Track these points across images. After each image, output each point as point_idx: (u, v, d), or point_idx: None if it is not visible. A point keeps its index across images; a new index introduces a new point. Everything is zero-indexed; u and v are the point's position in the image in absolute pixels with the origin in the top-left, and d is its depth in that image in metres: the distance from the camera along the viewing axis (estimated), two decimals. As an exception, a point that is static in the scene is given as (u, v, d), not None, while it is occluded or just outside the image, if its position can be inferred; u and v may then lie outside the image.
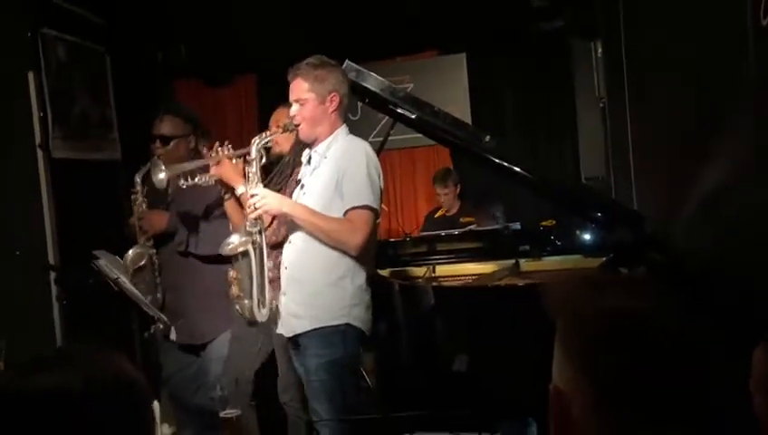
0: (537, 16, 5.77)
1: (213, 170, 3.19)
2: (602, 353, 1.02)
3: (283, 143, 3.49)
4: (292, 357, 3.10)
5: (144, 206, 3.75)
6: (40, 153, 4.56)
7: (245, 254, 2.97)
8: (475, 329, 3.39)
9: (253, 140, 3.04)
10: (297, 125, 3.01)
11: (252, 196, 2.93)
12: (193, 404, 3.81)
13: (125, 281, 3.35)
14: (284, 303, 3.04)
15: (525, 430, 3.06)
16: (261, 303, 3.02)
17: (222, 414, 2.61)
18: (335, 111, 3.01)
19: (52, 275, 4.25)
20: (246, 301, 3.01)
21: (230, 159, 3.15)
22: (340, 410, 2.91)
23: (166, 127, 3.74)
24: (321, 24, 5.78)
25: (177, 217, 3.68)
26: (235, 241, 2.98)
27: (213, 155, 3.20)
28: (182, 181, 3.31)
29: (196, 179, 3.24)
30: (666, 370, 1.00)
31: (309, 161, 3.10)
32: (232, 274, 3.03)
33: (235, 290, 3.02)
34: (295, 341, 3.03)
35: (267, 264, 3.05)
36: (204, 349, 3.76)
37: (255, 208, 2.92)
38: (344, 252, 2.91)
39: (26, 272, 4.03)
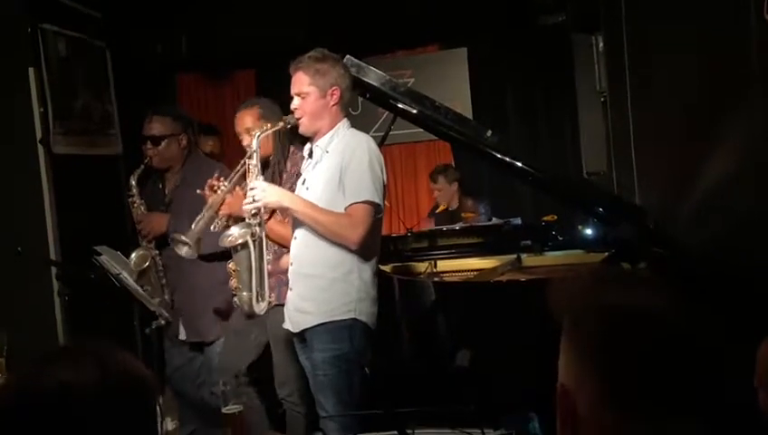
0: (538, 10, 5.76)
1: (221, 211, 3.24)
2: (608, 351, 1.02)
3: (263, 145, 3.44)
4: (298, 352, 3.10)
5: (142, 208, 3.75)
6: (41, 149, 4.55)
7: (245, 246, 2.98)
8: (476, 324, 3.39)
9: (253, 132, 3.05)
10: (298, 119, 3.00)
11: (251, 188, 2.94)
12: (196, 399, 3.82)
13: (126, 277, 3.35)
14: (291, 298, 3.04)
15: (528, 425, 3.06)
16: (260, 295, 3.02)
17: (224, 410, 2.62)
18: (336, 104, 3.00)
19: (54, 270, 4.24)
20: (245, 293, 3.01)
21: (230, 193, 3.21)
22: (347, 404, 2.91)
23: (155, 128, 3.76)
24: (321, 19, 5.77)
25: (175, 216, 3.68)
26: (234, 233, 2.99)
27: (214, 196, 3.26)
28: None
29: (212, 228, 3.27)
30: (672, 366, 0.99)
31: (310, 155, 3.09)
32: (231, 266, 3.04)
33: (234, 282, 3.03)
34: (301, 336, 3.03)
35: (267, 257, 3.06)
36: (210, 344, 3.77)
37: (254, 201, 2.92)
38: (348, 247, 2.91)
39: (28, 268, 4.02)
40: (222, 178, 3.29)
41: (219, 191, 3.25)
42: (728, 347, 1.05)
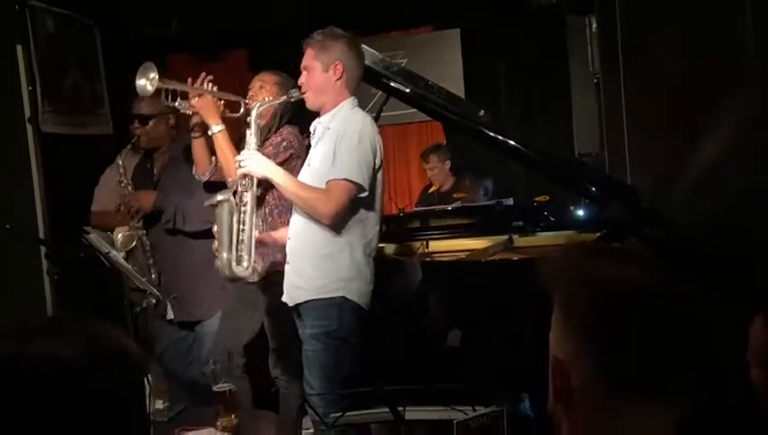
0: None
1: (194, 102, 3.27)
2: (600, 323, 1.02)
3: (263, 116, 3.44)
4: (297, 326, 3.10)
5: (129, 188, 3.72)
6: (29, 127, 4.51)
7: (223, 203, 3.00)
8: (468, 304, 3.39)
9: (254, 103, 3.10)
10: (304, 93, 3.03)
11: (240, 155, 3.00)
12: (186, 378, 3.81)
13: (116, 255, 3.33)
14: (287, 272, 3.06)
15: (519, 405, 3.07)
16: (241, 259, 3.02)
17: (215, 388, 2.62)
18: (339, 80, 3.00)
19: (43, 249, 4.22)
20: (225, 254, 3.01)
21: (213, 96, 3.25)
22: (332, 381, 2.92)
23: (144, 106, 3.74)
24: (313, -1, 5.71)
25: (163, 194, 3.67)
26: (219, 196, 3.02)
27: (197, 86, 3.28)
28: (162, 99, 3.32)
29: (176, 103, 3.26)
30: (663, 338, 0.99)
31: (315, 132, 3.10)
32: (215, 228, 3.04)
33: (215, 244, 3.03)
34: (297, 310, 3.04)
35: (256, 221, 3.07)
36: (199, 323, 3.76)
37: (240, 166, 2.98)
38: (343, 225, 2.91)
39: (17, 246, 4.00)
40: (212, 83, 3.30)
41: (206, 87, 3.28)
42: (722, 322, 1.05)
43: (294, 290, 3.02)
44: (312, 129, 3.13)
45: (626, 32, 4.15)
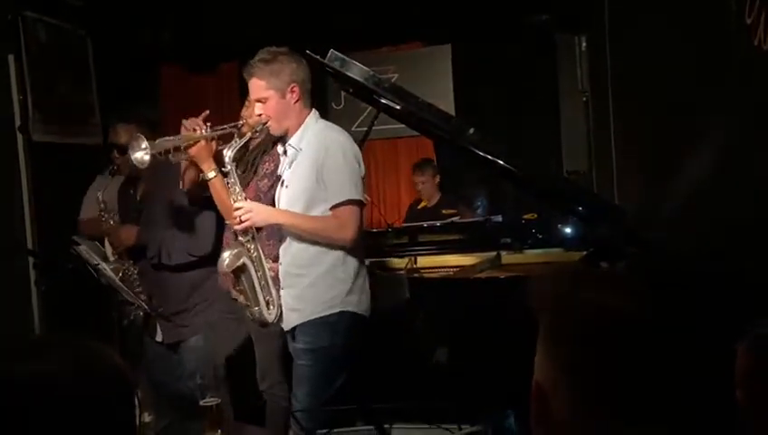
0: (523, 9, 5.78)
1: (189, 151, 3.11)
2: (581, 351, 1.03)
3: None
4: (290, 346, 3.10)
5: (111, 222, 3.67)
6: (20, 136, 4.51)
7: (243, 269, 3.00)
8: (455, 321, 3.40)
9: (225, 152, 2.99)
10: (265, 124, 2.98)
11: (237, 208, 2.93)
12: (173, 392, 3.79)
13: (105, 268, 3.32)
14: (283, 297, 3.06)
15: (504, 422, 3.08)
16: (269, 303, 3.06)
17: (201, 402, 2.62)
18: (298, 101, 2.97)
19: (31, 260, 4.21)
20: (255, 308, 3.05)
21: (207, 140, 3.07)
22: (318, 397, 2.92)
23: (120, 136, 3.70)
24: (306, 13, 5.75)
25: (146, 227, 3.64)
26: (227, 258, 2.99)
27: (190, 133, 3.12)
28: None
29: (170, 156, 3.19)
30: (643, 367, 1.01)
31: (285, 153, 3.07)
32: (238, 287, 3.05)
33: (242, 299, 3.05)
34: (293, 332, 3.04)
35: (267, 264, 3.08)
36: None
37: (242, 221, 2.93)
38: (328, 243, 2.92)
39: (4, 256, 3.99)
40: (208, 124, 3.13)
41: (198, 132, 3.10)
42: (708, 343, 1.06)
43: (291, 313, 3.02)
44: (280, 150, 3.09)
45: (614, 51, 4.19)
